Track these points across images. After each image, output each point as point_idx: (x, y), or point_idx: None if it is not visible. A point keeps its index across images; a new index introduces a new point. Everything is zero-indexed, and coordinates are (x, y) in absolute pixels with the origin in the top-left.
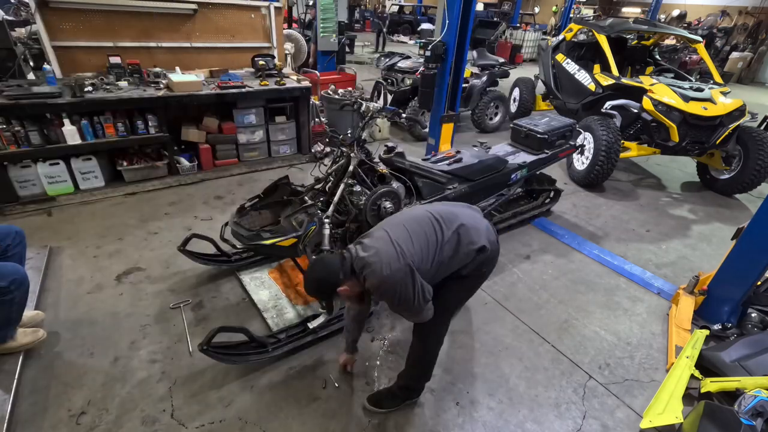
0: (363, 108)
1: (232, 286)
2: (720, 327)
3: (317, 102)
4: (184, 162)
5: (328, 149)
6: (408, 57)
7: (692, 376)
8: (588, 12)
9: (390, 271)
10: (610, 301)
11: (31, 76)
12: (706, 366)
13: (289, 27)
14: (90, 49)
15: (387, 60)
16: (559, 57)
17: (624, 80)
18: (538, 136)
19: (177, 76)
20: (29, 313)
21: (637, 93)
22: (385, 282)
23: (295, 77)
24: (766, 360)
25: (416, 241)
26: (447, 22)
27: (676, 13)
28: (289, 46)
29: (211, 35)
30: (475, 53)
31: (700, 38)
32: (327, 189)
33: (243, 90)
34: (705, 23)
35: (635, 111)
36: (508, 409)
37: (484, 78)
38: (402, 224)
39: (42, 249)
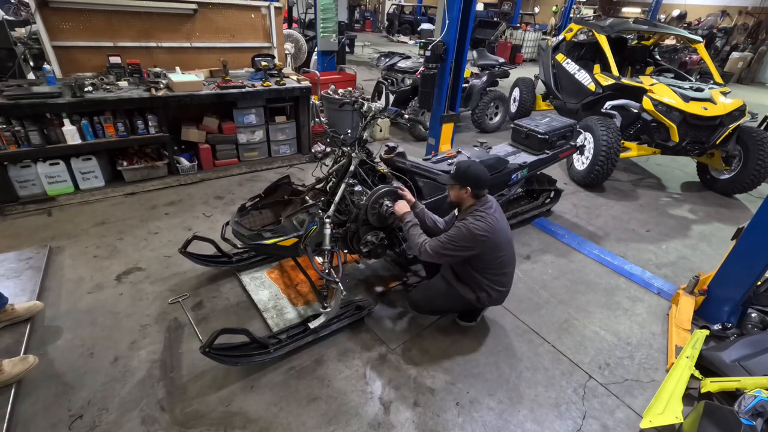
0: (365, 108)
1: (232, 287)
2: (720, 327)
3: (317, 102)
4: (184, 162)
5: (328, 149)
6: (408, 57)
7: (692, 376)
8: (588, 12)
9: (479, 228)
10: (610, 301)
11: (31, 76)
12: (706, 366)
13: (289, 27)
14: (90, 49)
15: (387, 60)
16: (559, 57)
17: (624, 80)
18: (539, 136)
19: (177, 76)
20: (26, 304)
21: (637, 93)
22: (468, 227)
23: (295, 77)
24: (766, 360)
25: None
26: (447, 22)
27: (676, 13)
28: (289, 46)
29: (211, 35)
30: (475, 53)
31: (700, 38)
32: (328, 189)
33: (243, 90)
34: (705, 23)
35: (635, 111)
36: (508, 409)
37: (484, 78)
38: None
39: (42, 249)
